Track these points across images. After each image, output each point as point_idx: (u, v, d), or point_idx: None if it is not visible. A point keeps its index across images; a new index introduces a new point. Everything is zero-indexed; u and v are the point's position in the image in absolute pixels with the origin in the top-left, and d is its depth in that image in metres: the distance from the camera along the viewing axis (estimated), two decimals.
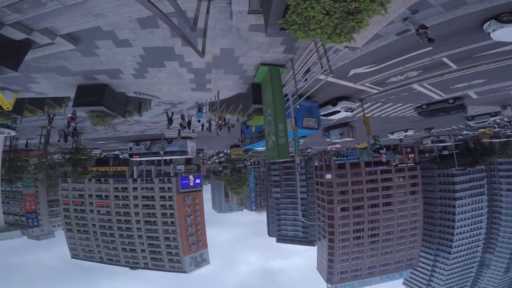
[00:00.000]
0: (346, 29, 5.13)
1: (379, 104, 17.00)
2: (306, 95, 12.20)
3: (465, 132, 44.59)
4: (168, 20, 3.42)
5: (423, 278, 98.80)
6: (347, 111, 14.92)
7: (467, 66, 10.37)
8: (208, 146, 41.90)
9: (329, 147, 56.79)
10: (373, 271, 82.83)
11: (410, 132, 31.21)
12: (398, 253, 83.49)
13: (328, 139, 23.88)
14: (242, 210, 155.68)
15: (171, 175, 65.87)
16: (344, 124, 21.80)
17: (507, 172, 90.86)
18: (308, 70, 9.40)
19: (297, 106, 10.11)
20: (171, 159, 58.90)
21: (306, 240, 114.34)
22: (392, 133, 31.89)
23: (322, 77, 8.10)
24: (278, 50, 8.11)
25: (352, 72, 10.20)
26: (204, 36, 5.14)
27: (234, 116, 16.05)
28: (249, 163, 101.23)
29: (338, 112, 14.86)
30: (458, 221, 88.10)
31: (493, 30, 7.20)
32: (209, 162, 79.02)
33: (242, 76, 10.01)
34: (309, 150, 54.47)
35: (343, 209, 78.65)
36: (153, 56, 8.01)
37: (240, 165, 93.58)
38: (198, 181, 69.10)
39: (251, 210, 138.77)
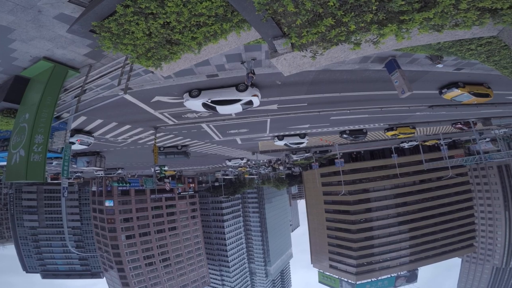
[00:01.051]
0: (158, 55, 5.24)
1: (171, 135, 18.06)
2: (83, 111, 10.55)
3: (230, 169, 58.14)
4: None
5: None
6: (82, 144, 14.86)
7: (241, 116, 13.91)
8: None
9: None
10: None
11: (239, 162, 37.64)
12: (191, 273, 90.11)
13: (74, 165, 22.23)
14: None
15: None
16: (93, 153, 21.13)
17: (252, 199, 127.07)
18: (84, 91, 8.37)
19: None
20: None
21: (88, 272, 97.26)
22: (230, 160, 36.72)
23: (120, 93, 7.61)
24: (80, 52, 6.80)
25: (156, 98, 10.33)
26: None
27: None
28: None
29: (73, 143, 14.52)
30: (228, 239, 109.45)
31: (186, 100, 9.51)
32: None
33: (4, 63, 7.27)
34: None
35: (128, 237, 76.08)
36: None
37: None
38: None
39: None
